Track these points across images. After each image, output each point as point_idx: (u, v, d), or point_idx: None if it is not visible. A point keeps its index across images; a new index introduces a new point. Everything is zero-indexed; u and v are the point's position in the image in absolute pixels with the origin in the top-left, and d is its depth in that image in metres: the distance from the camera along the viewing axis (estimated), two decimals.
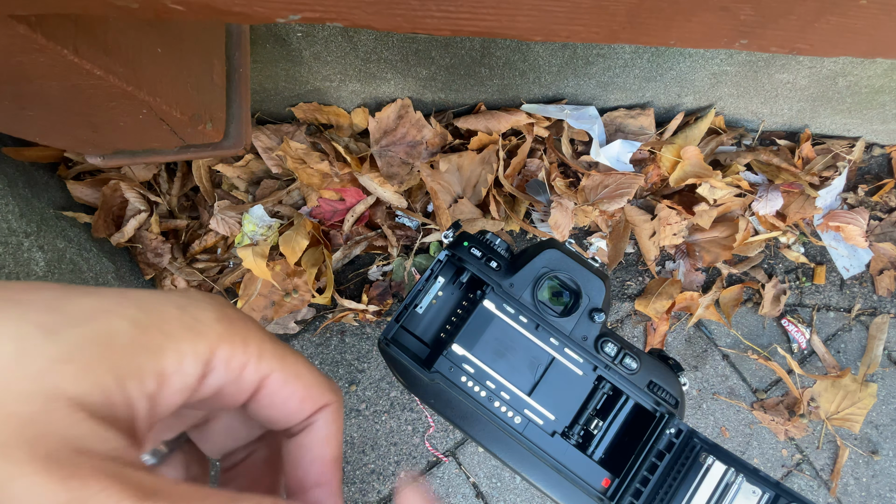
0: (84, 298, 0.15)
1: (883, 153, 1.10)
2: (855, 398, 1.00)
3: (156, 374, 0.15)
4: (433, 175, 0.93)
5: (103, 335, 0.14)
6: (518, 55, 0.82)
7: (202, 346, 0.16)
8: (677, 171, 0.98)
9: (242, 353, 0.17)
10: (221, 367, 0.16)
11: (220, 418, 0.21)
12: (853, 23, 0.24)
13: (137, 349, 0.15)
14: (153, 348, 0.15)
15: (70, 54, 0.32)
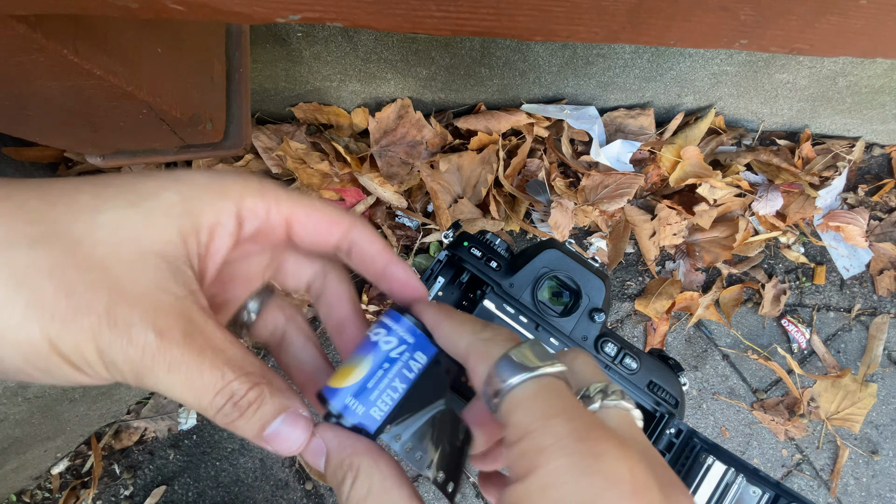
0: (148, 181, 0.20)
1: (883, 153, 1.10)
2: (855, 398, 1.00)
3: (206, 228, 0.21)
4: (433, 175, 0.93)
5: (165, 206, 0.20)
6: (518, 55, 0.82)
7: (230, 203, 0.21)
8: (677, 171, 0.98)
9: (262, 202, 0.22)
10: (250, 215, 0.22)
11: (286, 261, 0.26)
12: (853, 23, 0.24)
13: (186, 214, 0.20)
14: (196, 212, 0.20)
15: (70, 54, 0.32)
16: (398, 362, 0.23)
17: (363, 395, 0.23)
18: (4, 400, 0.63)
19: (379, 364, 0.23)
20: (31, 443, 0.76)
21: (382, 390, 0.23)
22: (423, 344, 0.24)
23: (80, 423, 0.83)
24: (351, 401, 0.22)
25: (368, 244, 0.24)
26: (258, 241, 0.23)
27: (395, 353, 0.23)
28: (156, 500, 0.90)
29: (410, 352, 0.24)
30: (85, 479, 0.90)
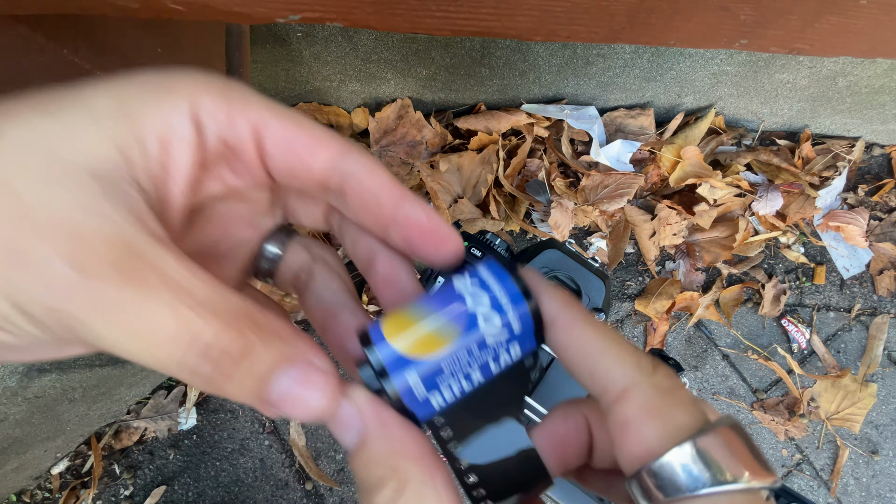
0: (76, 87, 0.15)
1: (883, 153, 1.10)
2: (855, 398, 1.00)
3: (154, 136, 0.15)
4: (433, 175, 0.93)
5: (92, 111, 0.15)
6: (518, 55, 0.82)
7: (181, 102, 0.16)
8: (677, 171, 0.98)
9: (226, 102, 0.16)
10: (210, 119, 0.16)
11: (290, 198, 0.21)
12: (853, 23, 0.24)
13: (123, 119, 0.15)
14: (137, 115, 0.15)
15: (70, 54, 0.32)
16: (489, 350, 0.18)
17: (432, 376, 0.17)
18: (4, 400, 0.63)
19: (467, 346, 0.17)
20: (31, 443, 0.76)
21: (456, 377, 0.17)
22: (526, 335, 0.18)
23: (80, 423, 0.83)
24: (412, 376, 0.17)
25: (367, 175, 0.18)
26: (237, 167, 0.18)
27: (492, 338, 0.17)
28: (156, 500, 0.90)
29: (509, 342, 0.18)
30: (85, 479, 0.90)
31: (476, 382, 0.18)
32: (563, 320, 0.18)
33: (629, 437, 0.16)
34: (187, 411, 0.92)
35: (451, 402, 0.18)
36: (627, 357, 0.16)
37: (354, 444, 0.17)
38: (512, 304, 0.17)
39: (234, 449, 0.93)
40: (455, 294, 0.18)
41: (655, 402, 0.16)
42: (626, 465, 0.16)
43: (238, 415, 0.93)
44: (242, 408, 0.93)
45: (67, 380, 0.68)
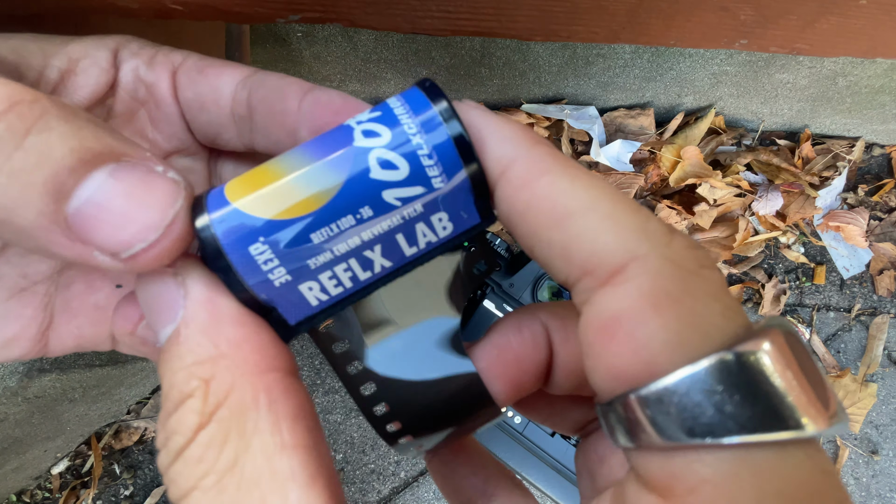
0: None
1: (883, 153, 1.10)
2: (855, 398, 1.00)
3: (62, 55, 0.15)
4: None
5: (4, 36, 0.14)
6: (518, 55, 0.82)
7: (108, 39, 0.16)
8: (677, 171, 0.98)
9: (153, 48, 0.16)
10: (130, 56, 0.16)
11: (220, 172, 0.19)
12: (853, 23, 0.24)
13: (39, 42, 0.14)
14: (56, 43, 0.15)
15: None
16: (393, 218, 0.11)
17: (297, 253, 0.11)
18: (4, 400, 0.63)
19: (351, 205, 0.11)
20: (31, 443, 0.76)
21: (342, 259, 0.11)
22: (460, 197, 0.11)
23: (80, 423, 0.83)
24: (263, 251, 0.11)
25: (273, 78, 0.15)
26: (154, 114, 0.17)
27: (396, 196, 0.11)
28: (156, 500, 0.90)
29: (429, 208, 0.11)
30: (85, 479, 0.90)
31: (380, 270, 0.12)
32: (522, 165, 0.11)
33: (616, 341, 0.10)
34: None
35: (338, 297, 0.12)
36: (628, 217, 0.10)
37: (166, 337, 0.11)
38: (428, 139, 0.11)
39: None
40: (342, 132, 0.11)
41: (668, 286, 0.10)
42: (603, 383, 0.11)
43: None
44: None
45: (67, 380, 0.68)
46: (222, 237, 0.11)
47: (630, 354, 0.10)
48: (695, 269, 0.10)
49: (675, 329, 0.09)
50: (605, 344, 0.10)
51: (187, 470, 0.10)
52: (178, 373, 0.11)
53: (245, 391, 0.11)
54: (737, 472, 0.09)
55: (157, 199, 0.10)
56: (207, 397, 0.11)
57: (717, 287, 0.11)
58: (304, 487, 0.10)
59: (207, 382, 0.11)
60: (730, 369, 0.09)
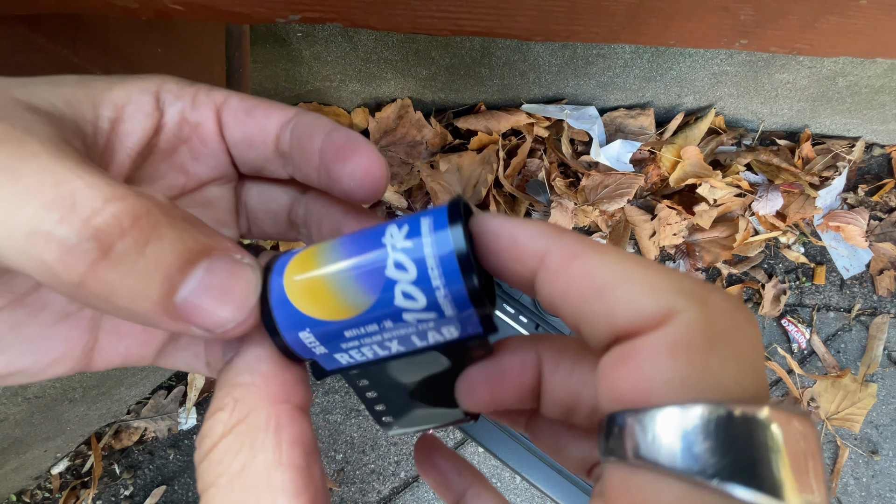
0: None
1: (883, 153, 1.10)
2: (855, 398, 1.00)
3: (109, 103, 0.16)
4: (433, 175, 0.93)
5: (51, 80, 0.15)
6: (518, 55, 0.82)
7: (147, 82, 0.16)
8: (677, 171, 0.98)
9: (192, 87, 0.17)
10: (171, 97, 0.17)
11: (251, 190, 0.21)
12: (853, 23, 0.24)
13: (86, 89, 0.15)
14: (101, 88, 0.16)
15: (70, 54, 0.32)
16: (409, 326, 0.14)
17: (332, 339, 0.15)
18: (4, 400, 0.63)
19: (376, 319, 0.14)
20: (31, 443, 0.76)
21: (366, 346, 0.15)
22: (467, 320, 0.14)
23: (80, 423, 0.83)
24: (307, 335, 0.15)
25: (310, 120, 0.17)
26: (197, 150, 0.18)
27: (413, 316, 0.14)
28: (156, 500, 0.90)
29: (438, 323, 0.14)
30: (85, 479, 0.90)
31: (395, 351, 0.15)
32: (555, 254, 0.13)
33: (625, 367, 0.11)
34: (187, 411, 0.92)
35: (361, 361, 0.16)
36: (662, 280, 0.11)
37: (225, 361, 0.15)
38: (445, 282, 0.13)
39: None
40: (378, 253, 0.14)
41: (693, 340, 0.10)
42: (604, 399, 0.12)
43: None
44: None
45: (67, 380, 0.68)
46: (280, 324, 0.15)
47: (633, 381, 0.11)
48: (726, 330, 0.11)
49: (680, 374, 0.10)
50: (616, 367, 0.11)
51: (210, 468, 0.13)
52: (222, 388, 0.14)
53: (261, 414, 0.14)
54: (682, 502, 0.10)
55: (241, 288, 0.13)
56: (233, 413, 0.14)
57: (741, 351, 0.11)
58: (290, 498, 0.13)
59: (237, 402, 0.14)
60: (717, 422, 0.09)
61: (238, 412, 0.14)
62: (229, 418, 0.14)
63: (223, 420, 0.14)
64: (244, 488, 0.13)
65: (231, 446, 0.13)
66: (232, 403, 0.14)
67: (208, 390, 0.93)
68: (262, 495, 0.13)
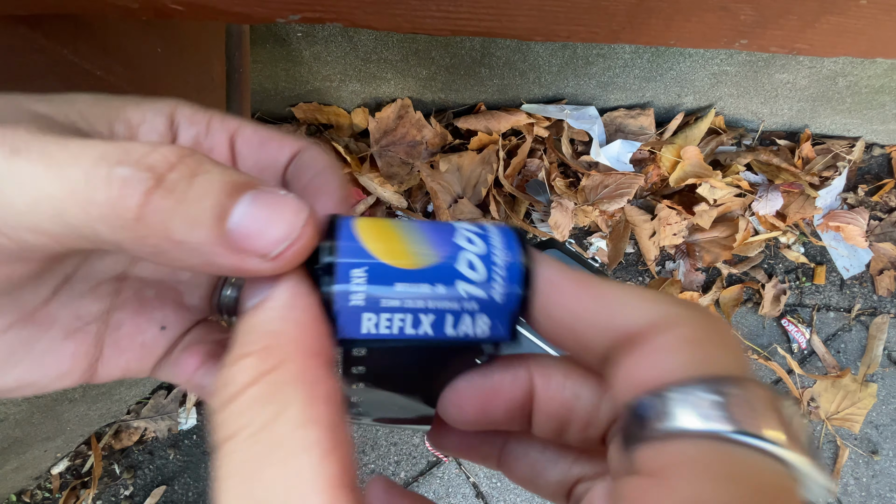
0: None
1: (883, 153, 1.10)
2: (855, 398, 1.00)
3: (123, 121, 0.16)
4: (433, 175, 0.93)
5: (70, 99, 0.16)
6: (518, 55, 0.82)
7: (161, 104, 0.17)
8: (677, 171, 0.98)
9: (206, 114, 0.18)
10: (185, 121, 0.18)
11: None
12: (853, 23, 0.24)
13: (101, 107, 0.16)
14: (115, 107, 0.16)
15: (70, 54, 0.32)
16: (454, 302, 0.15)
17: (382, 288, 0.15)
18: (4, 400, 0.63)
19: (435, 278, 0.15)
20: (31, 443, 0.76)
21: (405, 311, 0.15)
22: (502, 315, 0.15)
23: (80, 423, 0.83)
24: (359, 275, 0.14)
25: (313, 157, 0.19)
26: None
27: (466, 290, 0.15)
28: (156, 500, 0.90)
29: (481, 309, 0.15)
30: (85, 479, 0.90)
31: (422, 333, 0.15)
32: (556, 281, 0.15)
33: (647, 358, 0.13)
34: (187, 411, 0.92)
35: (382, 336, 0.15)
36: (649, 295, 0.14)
37: (252, 305, 0.14)
38: (506, 265, 0.15)
39: None
40: (449, 227, 0.16)
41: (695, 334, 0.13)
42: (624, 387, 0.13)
43: None
44: None
45: None
46: (340, 253, 0.15)
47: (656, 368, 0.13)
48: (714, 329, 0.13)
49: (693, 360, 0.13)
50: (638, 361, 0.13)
51: (231, 419, 0.12)
52: (250, 334, 0.14)
53: (294, 365, 0.13)
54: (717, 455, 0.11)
55: (287, 213, 0.14)
56: (264, 361, 0.13)
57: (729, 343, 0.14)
58: (320, 457, 0.12)
59: (268, 349, 0.13)
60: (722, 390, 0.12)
61: (270, 361, 0.13)
62: (258, 366, 0.13)
63: (251, 367, 0.13)
64: (269, 443, 0.12)
65: (258, 396, 0.12)
66: (262, 350, 0.13)
67: None
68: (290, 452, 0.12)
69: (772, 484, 0.11)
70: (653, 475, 0.12)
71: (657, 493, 0.11)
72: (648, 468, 0.12)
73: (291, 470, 0.12)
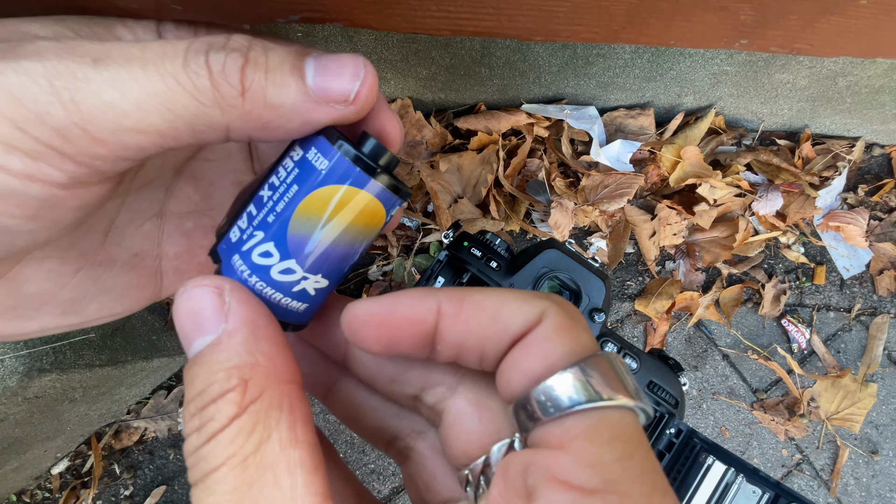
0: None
1: (883, 153, 1.09)
2: (855, 398, 1.00)
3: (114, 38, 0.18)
4: (433, 175, 0.93)
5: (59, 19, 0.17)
6: (518, 55, 0.82)
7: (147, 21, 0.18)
8: (677, 171, 0.98)
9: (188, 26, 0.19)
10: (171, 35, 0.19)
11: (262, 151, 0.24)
12: (853, 23, 0.24)
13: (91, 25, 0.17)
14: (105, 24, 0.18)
15: None
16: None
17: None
18: (4, 400, 0.63)
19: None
20: (31, 443, 0.76)
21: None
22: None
23: (80, 423, 0.83)
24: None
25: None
26: None
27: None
28: (156, 500, 0.90)
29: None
30: (85, 479, 0.90)
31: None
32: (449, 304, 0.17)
33: (531, 353, 0.15)
34: None
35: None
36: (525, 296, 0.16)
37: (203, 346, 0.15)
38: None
39: None
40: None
41: (564, 323, 0.15)
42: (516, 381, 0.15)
43: None
44: None
45: (67, 380, 0.68)
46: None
47: (539, 359, 0.15)
48: (572, 314, 0.16)
49: (567, 346, 0.15)
50: (523, 356, 0.15)
51: (218, 450, 0.13)
52: (219, 373, 0.14)
53: (274, 393, 0.14)
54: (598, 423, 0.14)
55: (347, 63, 0.16)
56: (245, 394, 0.14)
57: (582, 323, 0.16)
58: (309, 473, 0.14)
59: (246, 382, 0.14)
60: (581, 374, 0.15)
61: (250, 392, 0.14)
62: (241, 399, 0.14)
63: (233, 401, 0.14)
64: (259, 467, 0.13)
65: (244, 426, 0.13)
66: (241, 384, 0.14)
67: None
68: (280, 472, 0.13)
69: (630, 429, 0.14)
70: (560, 447, 0.14)
71: (566, 460, 0.14)
72: (554, 442, 0.14)
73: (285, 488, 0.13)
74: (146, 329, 0.84)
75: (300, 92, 0.15)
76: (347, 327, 0.17)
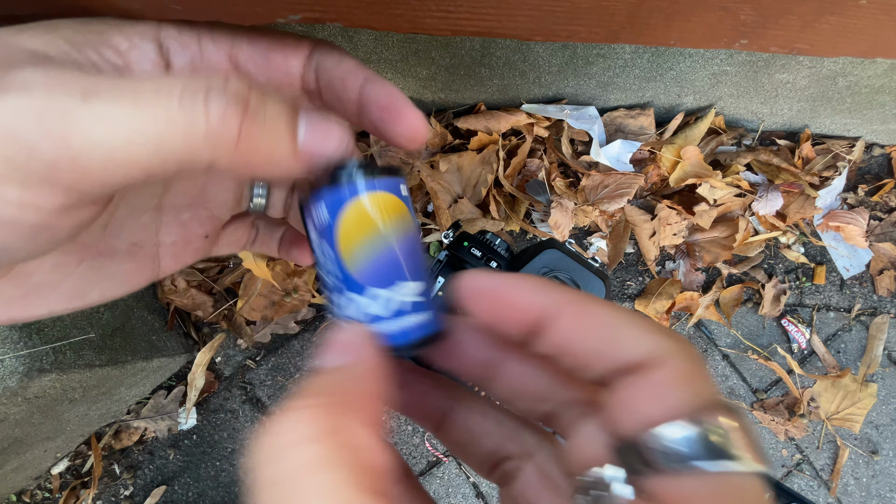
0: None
1: (883, 153, 1.10)
2: (855, 398, 1.00)
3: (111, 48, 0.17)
4: (433, 175, 0.93)
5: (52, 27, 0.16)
6: (518, 55, 0.82)
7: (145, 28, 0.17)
8: (677, 171, 0.98)
9: (191, 30, 0.18)
10: (176, 44, 0.18)
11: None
12: (853, 23, 0.23)
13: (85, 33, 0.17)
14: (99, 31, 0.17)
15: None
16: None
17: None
18: (4, 400, 0.63)
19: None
20: (31, 443, 0.76)
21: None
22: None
23: (80, 423, 0.83)
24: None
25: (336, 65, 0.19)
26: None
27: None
28: (156, 500, 0.90)
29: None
30: (85, 479, 0.90)
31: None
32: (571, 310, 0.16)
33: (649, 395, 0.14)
34: (187, 411, 0.92)
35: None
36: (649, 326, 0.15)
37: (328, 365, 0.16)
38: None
39: (234, 449, 0.93)
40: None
41: (686, 369, 0.14)
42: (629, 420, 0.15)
43: (238, 415, 0.93)
44: (242, 408, 0.93)
45: (67, 380, 0.68)
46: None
47: (658, 404, 0.14)
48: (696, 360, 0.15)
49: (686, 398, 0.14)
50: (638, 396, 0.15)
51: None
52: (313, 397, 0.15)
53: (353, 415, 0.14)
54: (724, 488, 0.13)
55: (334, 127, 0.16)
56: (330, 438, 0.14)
57: (707, 374, 0.15)
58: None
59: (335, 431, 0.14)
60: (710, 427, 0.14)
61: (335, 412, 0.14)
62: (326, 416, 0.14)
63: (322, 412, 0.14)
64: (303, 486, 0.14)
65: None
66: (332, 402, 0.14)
67: (208, 390, 0.93)
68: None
69: (756, 497, 0.14)
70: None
71: None
72: (667, 499, 0.14)
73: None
74: (146, 329, 0.84)
75: (290, 147, 0.16)
76: (463, 289, 0.17)
